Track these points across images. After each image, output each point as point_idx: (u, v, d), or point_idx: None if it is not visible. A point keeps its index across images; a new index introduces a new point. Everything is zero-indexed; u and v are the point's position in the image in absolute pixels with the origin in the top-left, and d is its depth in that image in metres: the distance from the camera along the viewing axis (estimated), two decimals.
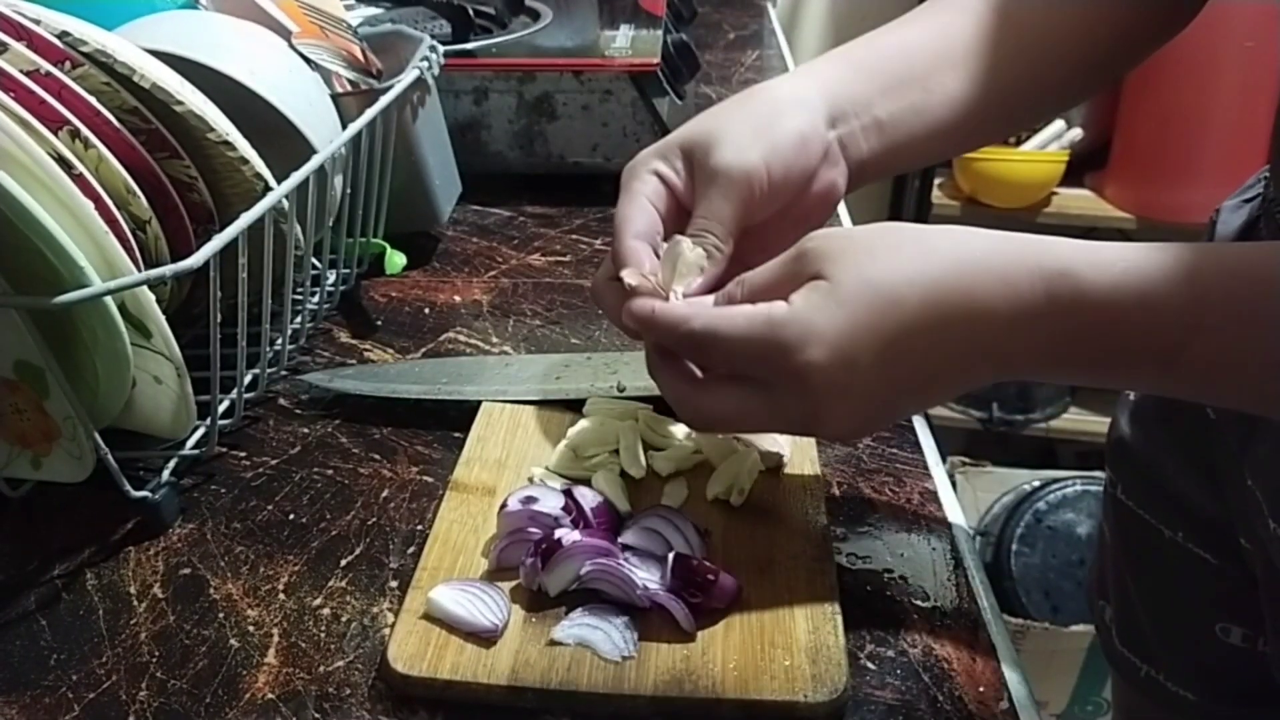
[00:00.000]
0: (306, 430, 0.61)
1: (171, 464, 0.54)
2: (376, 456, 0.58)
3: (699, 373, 0.45)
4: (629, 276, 0.45)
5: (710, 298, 0.45)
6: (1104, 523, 0.74)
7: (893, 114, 0.51)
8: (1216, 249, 0.39)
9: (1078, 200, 1.85)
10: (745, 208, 0.47)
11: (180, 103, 0.53)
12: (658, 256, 0.46)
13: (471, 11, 0.96)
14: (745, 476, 0.51)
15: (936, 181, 1.89)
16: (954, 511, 0.54)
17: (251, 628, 0.47)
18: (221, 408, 0.55)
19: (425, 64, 0.72)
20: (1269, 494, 0.53)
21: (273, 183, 0.56)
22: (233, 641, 0.46)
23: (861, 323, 0.39)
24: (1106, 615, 0.73)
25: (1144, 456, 0.67)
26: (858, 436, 0.57)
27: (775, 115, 0.49)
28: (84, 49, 0.52)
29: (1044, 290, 0.38)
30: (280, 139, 0.60)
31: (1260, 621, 0.61)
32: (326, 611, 0.48)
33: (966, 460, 1.89)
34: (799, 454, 0.55)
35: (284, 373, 0.65)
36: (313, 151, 0.60)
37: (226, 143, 0.55)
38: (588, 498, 0.50)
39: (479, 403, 0.59)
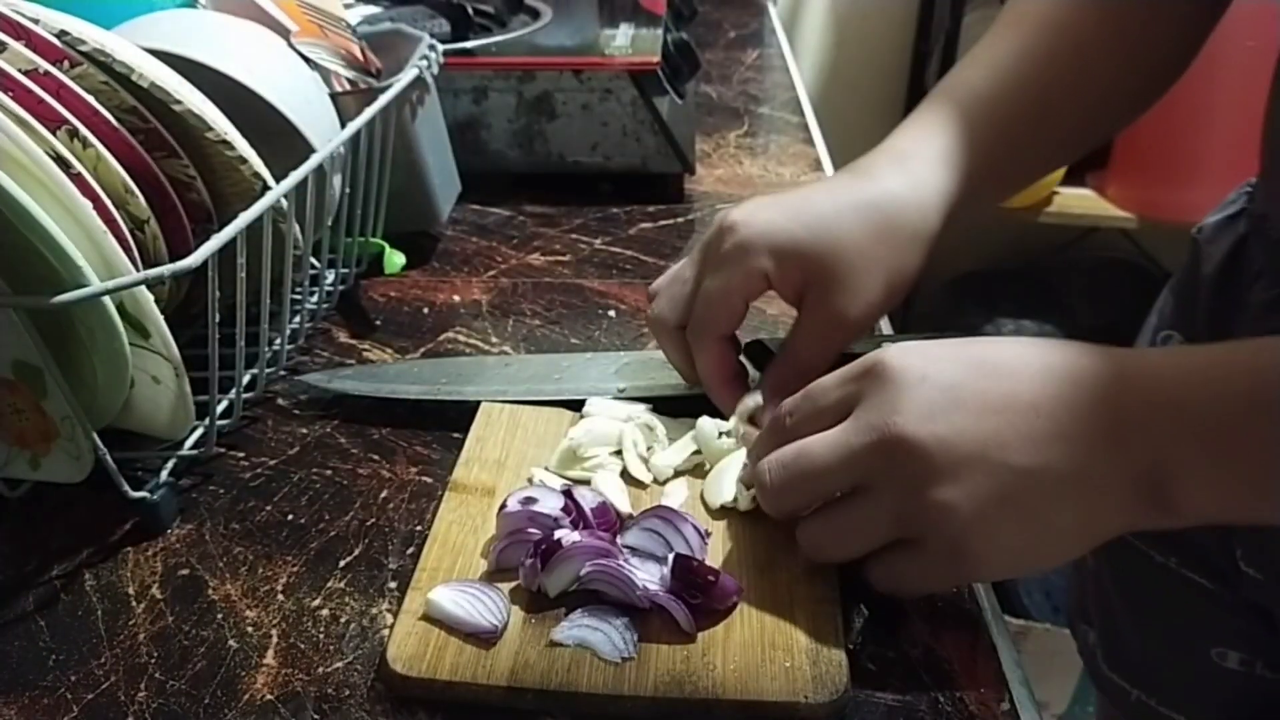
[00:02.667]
0: (305, 431, 0.60)
1: (170, 464, 0.54)
2: (375, 457, 0.58)
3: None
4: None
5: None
6: None
7: (994, 189, 0.53)
8: None
9: (1079, 199, 1.84)
10: (848, 342, 0.49)
11: (179, 102, 0.53)
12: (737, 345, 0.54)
13: (471, 10, 0.96)
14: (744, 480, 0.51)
15: None
16: None
17: (250, 629, 0.47)
18: (220, 408, 0.55)
19: (424, 63, 0.72)
20: None
21: (271, 182, 0.55)
22: (231, 642, 0.46)
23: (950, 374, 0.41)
24: (1090, 639, 0.72)
25: None
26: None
27: (909, 257, 0.49)
28: (82, 48, 0.52)
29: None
30: (279, 138, 0.60)
31: (1257, 645, 0.60)
32: (325, 612, 0.48)
33: None
34: None
35: (282, 373, 0.64)
36: (311, 150, 0.60)
37: (225, 142, 0.55)
38: (587, 498, 0.49)
39: (478, 403, 0.59)
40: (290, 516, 0.54)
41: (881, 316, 0.49)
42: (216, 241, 0.49)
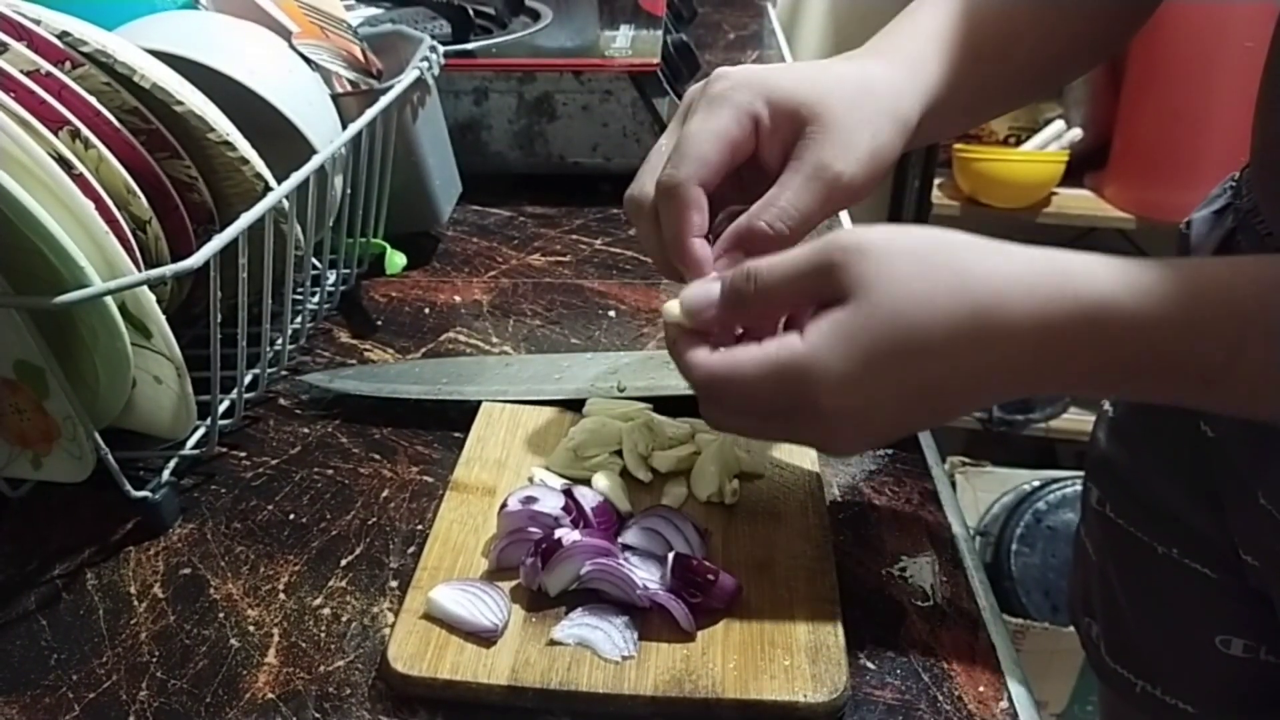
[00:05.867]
0: (307, 430, 0.61)
1: (172, 464, 0.54)
2: (376, 456, 0.58)
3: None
4: (667, 312, 0.43)
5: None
6: (1085, 538, 0.73)
7: (956, 106, 0.51)
8: (1253, 264, 0.38)
9: (1077, 200, 1.84)
10: (829, 210, 0.46)
11: (180, 103, 0.53)
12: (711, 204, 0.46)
13: (471, 12, 0.96)
14: (726, 472, 0.52)
15: (936, 182, 1.88)
16: (953, 512, 0.54)
17: (252, 627, 0.47)
18: (222, 408, 0.55)
19: (425, 64, 0.72)
20: None
21: (273, 183, 0.56)
22: (233, 641, 0.46)
23: (880, 362, 0.38)
24: (1093, 632, 0.72)
25: (1129, 473, 0.66)
26: (865, 451, 0.56)
27: (889, 129, 0.47)
28: (84, 49, 0.52)
29: (1085, 323, 0.38)
30: (280, 139, 0.60)
31: (1261, 632, 0.60)
32: (327, 611, 0.48)
33: (966, 460, 1.89)
34: (799, 455, 0.55)
35: (284, 373, 0.65)
36: (313, 152, 0.60)
37: (227, 143, 0.55)
38: (588, 498, 0.50)
39: (479, 403, 0.59)
40: (292, 516, 0.54)
41: (864, 193, 0.47)
42: (218, 242, 0.49)
